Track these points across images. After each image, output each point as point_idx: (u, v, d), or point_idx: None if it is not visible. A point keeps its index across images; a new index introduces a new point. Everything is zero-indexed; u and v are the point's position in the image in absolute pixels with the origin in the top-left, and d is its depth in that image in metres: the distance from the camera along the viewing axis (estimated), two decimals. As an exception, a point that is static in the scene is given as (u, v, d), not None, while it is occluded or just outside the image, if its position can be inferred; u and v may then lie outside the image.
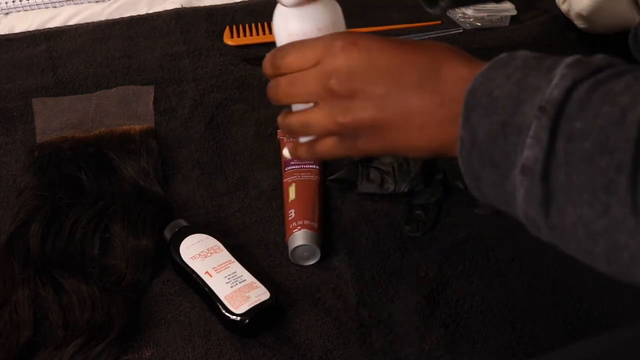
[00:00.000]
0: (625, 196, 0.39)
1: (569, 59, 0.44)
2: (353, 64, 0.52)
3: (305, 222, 0.75)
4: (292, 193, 0.79)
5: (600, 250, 0.42)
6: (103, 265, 0.73)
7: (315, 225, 0.75)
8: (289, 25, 0.61)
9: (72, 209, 0.78)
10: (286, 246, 0.75)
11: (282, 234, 0.77)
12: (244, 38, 1.07)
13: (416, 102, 0.51)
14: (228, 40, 1.07)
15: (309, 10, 0.61)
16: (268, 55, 0.58)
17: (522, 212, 0.45)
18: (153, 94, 0.97)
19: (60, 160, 0.83)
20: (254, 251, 0.76)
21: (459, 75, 0.50)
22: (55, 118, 0.93)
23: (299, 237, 0.74)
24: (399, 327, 0.69)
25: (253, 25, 1.09)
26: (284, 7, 0.61)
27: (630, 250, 0.40)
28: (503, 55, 0.48)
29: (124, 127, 0.90)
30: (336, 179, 0.83)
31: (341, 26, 0.63)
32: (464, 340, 0.67)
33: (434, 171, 0.82)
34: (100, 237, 0.76)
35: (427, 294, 0.71)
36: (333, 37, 0.54)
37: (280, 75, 0.57)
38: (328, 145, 0.57)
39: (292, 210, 0.76)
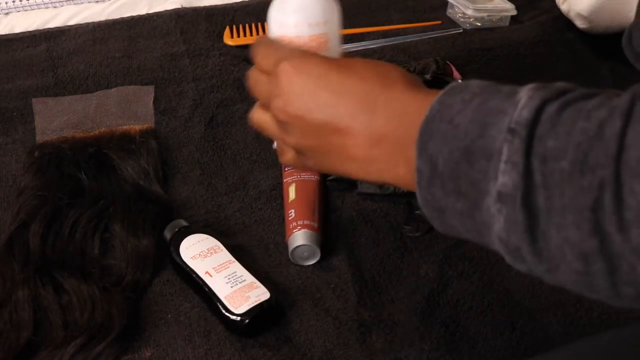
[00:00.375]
0: (611, 214, 0.38)
1: (530, 85, 0.43)
2: (293, 90, 0.53)
3: (305, 222, 0.75)
4: (292, 193, 0.79)
5: (598, 268, 0.40)
6: (103, 265, 0.73)
7: (315, 225, 0.75)
8: (281, 14, 0.62)
9: (72, 209, 0.78)
10: (286, 246, 0.75)
11: (282, 234, 0.77)
12: (244, 38, 1.07)
13: (351, 138, 0.50)
14: (228, 40, 1.07)
15: (303, 3, 0.61)
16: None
17: (502, 241, 0.43)
18: (153, 94, 0.97)
19: (60, 160, 0.83)
20: (254, 251, 0.76)
21: (404, 110, 0.49)
22: (55, 118, 0.93)
23: (298, 237, 0.74)
24: (399, 327, 0.69)
25: (253, 25, 1.10)
26: None
27: (624, 267, 0.39)
28: (454, 83, 0.47)
29: (124, 127, 0.90)
30: (335, 179, 0.83)
31: (333, 27, 0.63)
32: (464, 340, 0.67)
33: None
34: (100, 237, 0.76)
35: (427, 294, 0.71)
36: (287, 55, 0.55)
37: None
38: (287, 156, 0.58)
39: (292, 210, 0.76)
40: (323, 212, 0.79)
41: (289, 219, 0.76)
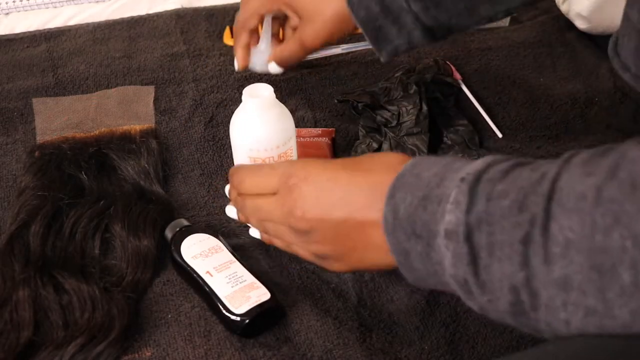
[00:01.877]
0: (539, 248, 0.42)
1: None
2: (308, 197, 0.56)
3: None
4: None
5: (524, 299, 0.43)
6: (103, 265, 0.73)
7: None
8: (250, 141, 0.71)
9: (73, 209, 0.78)
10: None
11: (282, 234, 0.77)
12: (244, 38, 1.07)
13: (372, 227, 0.53)
14: (228, 40, 1.07)
15: (269, 131, 0.70)
16: (230, 174, 0.66)
17: (453, 278, 0.46)
18: (153, 94, 0.97)
19: (61, 160, 0.83)
20: (254, 252, 0.76)
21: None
22: (56, 118, 0.93)
23: None
24: (399, 327, 0.69)
25: (253, 25, 1.09)
26: (246, 117, 0.71)
27: (544, 299, 0.42)
28: (430, 157, 0.53)
29: (125, 127, 0.90)
30: None
31: (294, 137, 0.73)
32: (464, 340, 0.68)
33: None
34: (101, 237, 0.76)
35: (427, 294, 0.71)
36: (287, 171, 0.59)
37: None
38: (308, 259, 0.61)
39: None
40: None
41: None
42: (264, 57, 0.88)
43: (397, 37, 0.77)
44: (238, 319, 0.66)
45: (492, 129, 0.91)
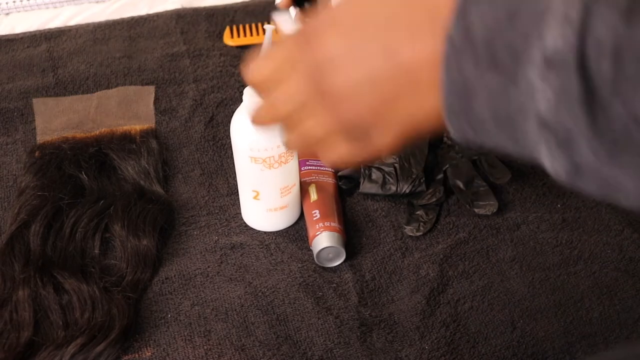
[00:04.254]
0: None
1: None
2: (330, 46, 0.41)
3: (332, 224, 0.75)
4: (313, 193, 0.78)
5: None
6: (103, 265, 0.73)
7: (340, 227, 0.75)
8: (250, 137, 0.69)
9: (73, 209, 0.78)
10: (287, 246, 0.76)
11: (282, 234, 0.77)
12: (244, 38, 1.07)
13: (421, 61, 0.38)
14: (228, 41, 1.07)
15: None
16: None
17: (547, 126, 0.34)
18: (154, 94, 0.97)
19: (61, 161, 0.83)
20: (255, 250, 0.76)
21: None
22: (56, 118, 0.93)
23: (326, 239, 0.73)
24: (399, 327, 0.69)
25: (253, 25, 1.10)
26: (246, 117, 0.68)
27: None
28: None
29: (125, 127, 0.90)
30: (346, 176, 0.82)
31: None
32: (464, 340, 0.68)
33: (435, 172, 0.82)
34: (101, 237, 0.76)
35: (427, 294, 0.71)
36: (306, 27, 0.44)
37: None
38: (339, 149, 0.45)
39: (317, 211, 0.76)
40: (342, 214, 0.79)
41: (313, 219, 0.76)
42: None
43: None
44: None
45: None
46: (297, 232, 0.78)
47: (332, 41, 0.41)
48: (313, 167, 0.82)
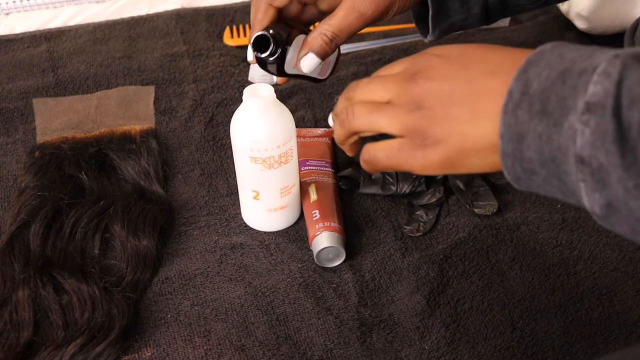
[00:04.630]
0: None
1: None
2: (428, 71, 0.50)
3: (332, 224, 0.75)
4: (313, 193, 0.78)
5: None
6: (103, 265, 0.73)
7: (340, 227, 0.75)
8: (250, 139, 0.70)
9: (73, 209, 0.78)
10: (286, 246, 0.76)
11: (282, 235, 0.77)
12: (244, 38, 1.07)
13: (487, 95, 0.47)
14: (228, 41, 1.07)
15: (271, 129, 0.69)
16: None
17: (583, 161, 0.40)
18: (153, 94, 0.97)
19: (61, 161, 0.83)
20: (255, 250, 0.76)
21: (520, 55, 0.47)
22: (56, 118, 0.93)
23: (326, 239, 0.73)
24: (399, 327, 0.69)
25: (253, 25, 1.10)
26: (246, 117, 0.70)
27: None
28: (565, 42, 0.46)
29: (125, 127, 0.90)
30: (346, 176, 0.82)
31: (295, 136, 0.72)
32: (464, 340, 0.68)
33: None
34: (101, 237, 0.76)
35: (427, 294, 0.71)
36: (407, 67, 0.52)
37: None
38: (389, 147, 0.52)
39: (316, 211, 0.76)
40: (342, 214, 0.79)
41: (313, 219, 0.76)
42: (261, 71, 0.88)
43: (457, 12, 0.70)
44: None
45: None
46: (297, 232, 0.78)
47: (432, 89, 0.49)
48: (313, 167, 0.82)
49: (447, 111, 0.48)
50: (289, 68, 0.66)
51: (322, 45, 0.64)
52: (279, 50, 0.64)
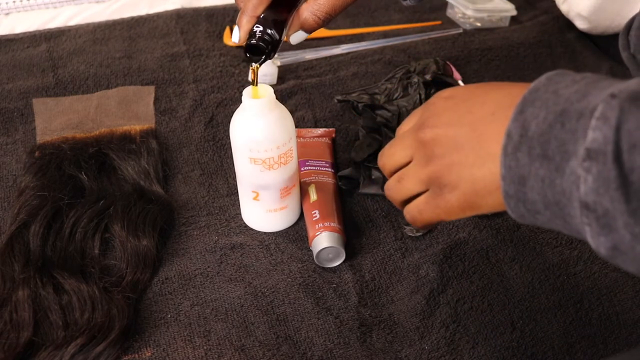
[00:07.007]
0: None
1: None
2: (437, 117, 0.52)
3: (332, 224, 0.74)
4: (312, 194, 0.78)
5: None
6: (103, 265, 0.73)
7: (339, 227, 0.75)
8: (250, 140, 0.69)
9: (73, 209, 0.78)
10: (286, 246, 0.76)
11: (282, 235, 0.77)
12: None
13: (488, 137, 0.48)
14: (228, 41, 1.07)
15: (271, 131, 0.69)
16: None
17: (588, 207, 0.40)
18: (153, 94, 0.97)
19: (61, 161, 0.83)
20: (255, 250, 0.76)
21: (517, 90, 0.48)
22: (56, 118, 0.93)
23: (326, 239, 0.73)
24: (399, 327, 0.69)
25: (253, 25, 1.09)
26: (246, 118, 0.69)
27: None
28: (560, 70, 0.47)
29: (125, 128, 0.90)
30: (346, 176, 0.82)
31: (294, 137, 0.72)
32: (464, 340, 0.68)
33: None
34: (101, 237, 0.76)
35: (427, 294, 0.71)
36: (425, 107, 0.54)
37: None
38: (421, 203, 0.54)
39: (316, 211, 0.76)
40: (342, 214, 0.79)
41: (313, 219, 0.76)
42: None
43: None
44: None
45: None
46: (297, 232, 0.78)
47: (439, 137, 0.51)
48: (313, 168, 0.82)
49: (456, 156, 0.50)
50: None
51: (313, 25, 0.68)
52: (272, 54, 0.67)
